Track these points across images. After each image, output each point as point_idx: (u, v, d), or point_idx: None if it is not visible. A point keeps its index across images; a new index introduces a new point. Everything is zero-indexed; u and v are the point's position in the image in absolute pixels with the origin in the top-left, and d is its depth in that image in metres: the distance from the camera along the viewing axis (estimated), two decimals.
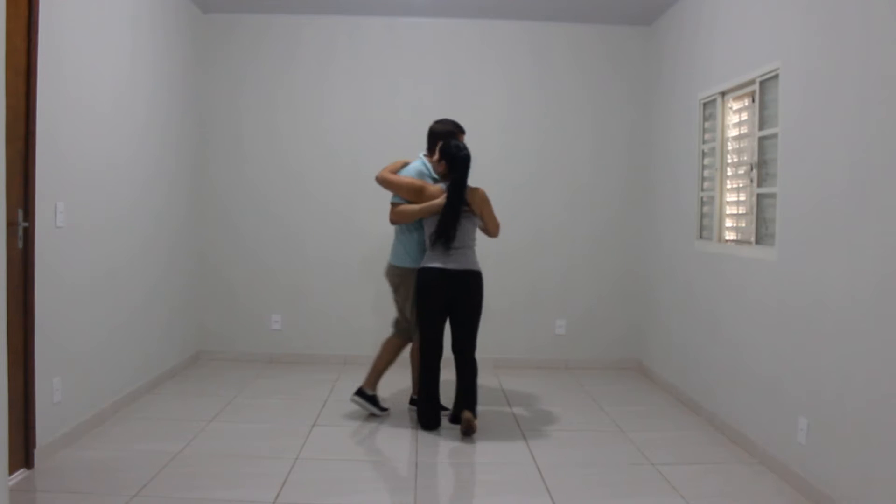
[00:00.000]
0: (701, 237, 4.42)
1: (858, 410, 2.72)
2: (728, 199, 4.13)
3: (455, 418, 3.85)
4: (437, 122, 4.08)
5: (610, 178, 5.53)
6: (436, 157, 3.92)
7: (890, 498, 2.52)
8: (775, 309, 3.38)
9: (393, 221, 3.96)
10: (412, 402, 4.18)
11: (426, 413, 3.85)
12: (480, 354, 3.87)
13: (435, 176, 3.96)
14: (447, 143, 3.86)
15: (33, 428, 3.09)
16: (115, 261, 3.95)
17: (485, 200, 3.88)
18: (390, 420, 4.05)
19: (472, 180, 3.83)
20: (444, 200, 3.77)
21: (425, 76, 5.46)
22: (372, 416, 4.06)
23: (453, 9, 5.26)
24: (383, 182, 3.95)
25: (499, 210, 3.91)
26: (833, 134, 2.94)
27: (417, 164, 4.02)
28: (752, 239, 3.72)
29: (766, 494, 3.11)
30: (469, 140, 5.51)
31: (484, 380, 5.02)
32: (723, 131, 4.17)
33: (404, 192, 3.89)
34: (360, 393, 4.06)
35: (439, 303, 3.81)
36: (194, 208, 5.30)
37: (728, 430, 3.83)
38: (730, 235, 4.11)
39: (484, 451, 3.60)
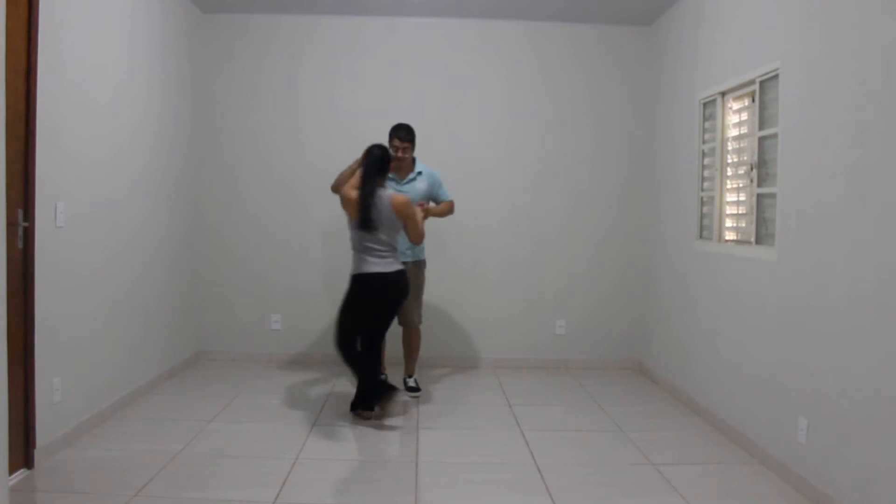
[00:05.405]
0: (701, 237, 4.42)
1: (858, 410, 2.72)
2: (728, 199, 4.12)
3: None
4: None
5: (610, 177, 5.52)
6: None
7: (890, 498, 2.52)
8: (775, 309, 3.38)
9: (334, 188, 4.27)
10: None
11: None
12: (480, 354, 3.85)
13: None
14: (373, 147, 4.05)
15: (33, 428, 3.09)
16: (115, 261, 3.95)
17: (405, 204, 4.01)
18: (390, 420, 4.05)
19: (476, 180, 3.81)
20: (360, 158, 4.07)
21: (426, 76, 5.46)
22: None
23: (454, 9, 5.26)
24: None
25: (500, 209, 3.90)
26: (833, 134, 2.94)
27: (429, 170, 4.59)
28: (752, 239, 3.72)
29: (766, 494, 3.11)
30: (470, 139, 5.56)
31: (484, 379, 5.05)
32: (723, 131, 4.17)
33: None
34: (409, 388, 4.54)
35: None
36: (194, 208, 5.30)
37: (728, 430, 3.83)
38: (730, 235, 4.11)
39: (484, 451, 3.60)
